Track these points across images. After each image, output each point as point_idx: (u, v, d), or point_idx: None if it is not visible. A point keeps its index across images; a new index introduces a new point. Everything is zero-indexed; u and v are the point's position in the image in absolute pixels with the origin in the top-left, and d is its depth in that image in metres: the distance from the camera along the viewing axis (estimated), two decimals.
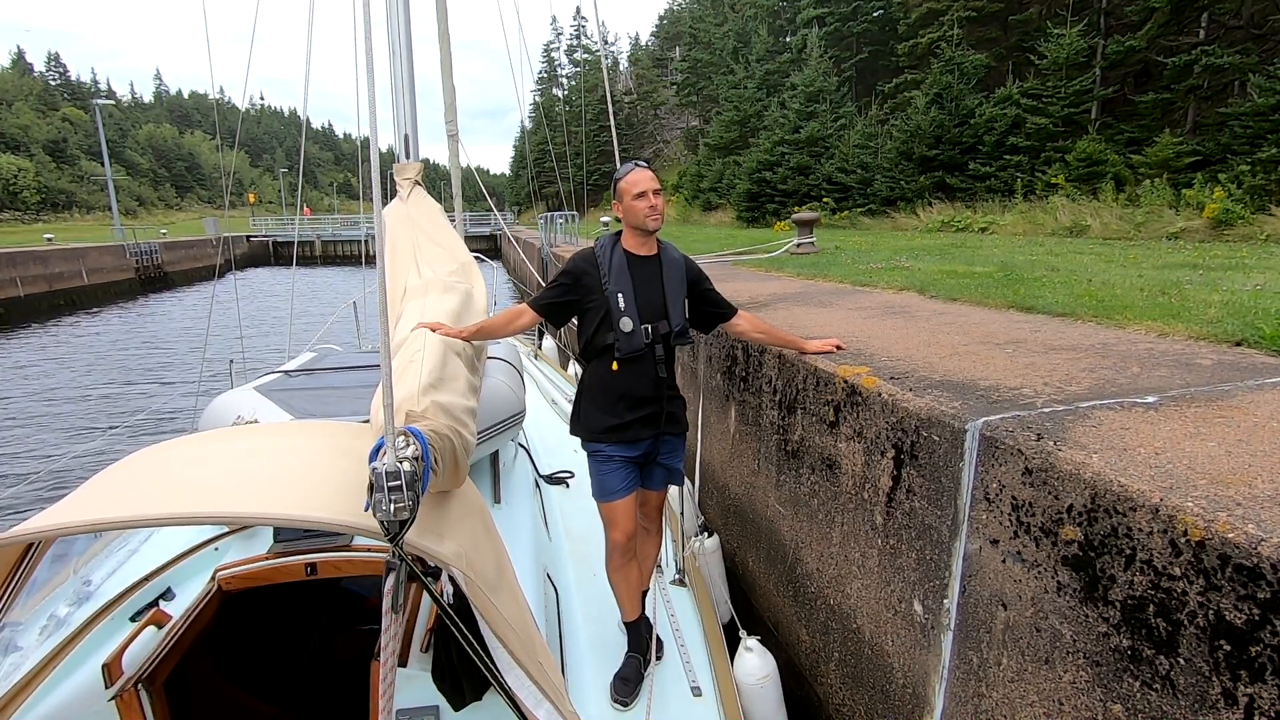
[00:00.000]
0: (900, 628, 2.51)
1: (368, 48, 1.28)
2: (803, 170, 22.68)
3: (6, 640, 2.20)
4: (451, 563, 1.48)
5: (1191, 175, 11.58)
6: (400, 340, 2.21)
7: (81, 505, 1.39)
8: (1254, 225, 9.39)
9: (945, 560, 2.23)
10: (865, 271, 6.57)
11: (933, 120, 17.59)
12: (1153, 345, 2.85)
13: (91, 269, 28.60)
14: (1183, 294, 3.99)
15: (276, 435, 1.82)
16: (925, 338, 3.39)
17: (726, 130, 30.97)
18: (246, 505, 1.40)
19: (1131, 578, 1.57)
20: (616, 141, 3.81)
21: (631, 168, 2.50)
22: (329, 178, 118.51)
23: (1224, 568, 1.38)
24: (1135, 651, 1.57)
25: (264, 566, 2.27)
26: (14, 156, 57.81)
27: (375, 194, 1.49)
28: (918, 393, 2.45)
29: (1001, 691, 1.97)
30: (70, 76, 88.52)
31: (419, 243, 3.20)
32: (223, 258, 26.10)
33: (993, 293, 4.46)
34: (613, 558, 2.66)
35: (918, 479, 2.38)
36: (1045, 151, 15.05)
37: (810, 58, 25.26)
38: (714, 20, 46.00)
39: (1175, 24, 13.82)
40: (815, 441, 3.17)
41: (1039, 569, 1.84)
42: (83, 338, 19.15)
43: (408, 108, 3.95)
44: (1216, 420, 1.91)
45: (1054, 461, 1.78)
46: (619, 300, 2.45)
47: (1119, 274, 5.29)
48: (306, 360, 4.09)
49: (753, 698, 2.87)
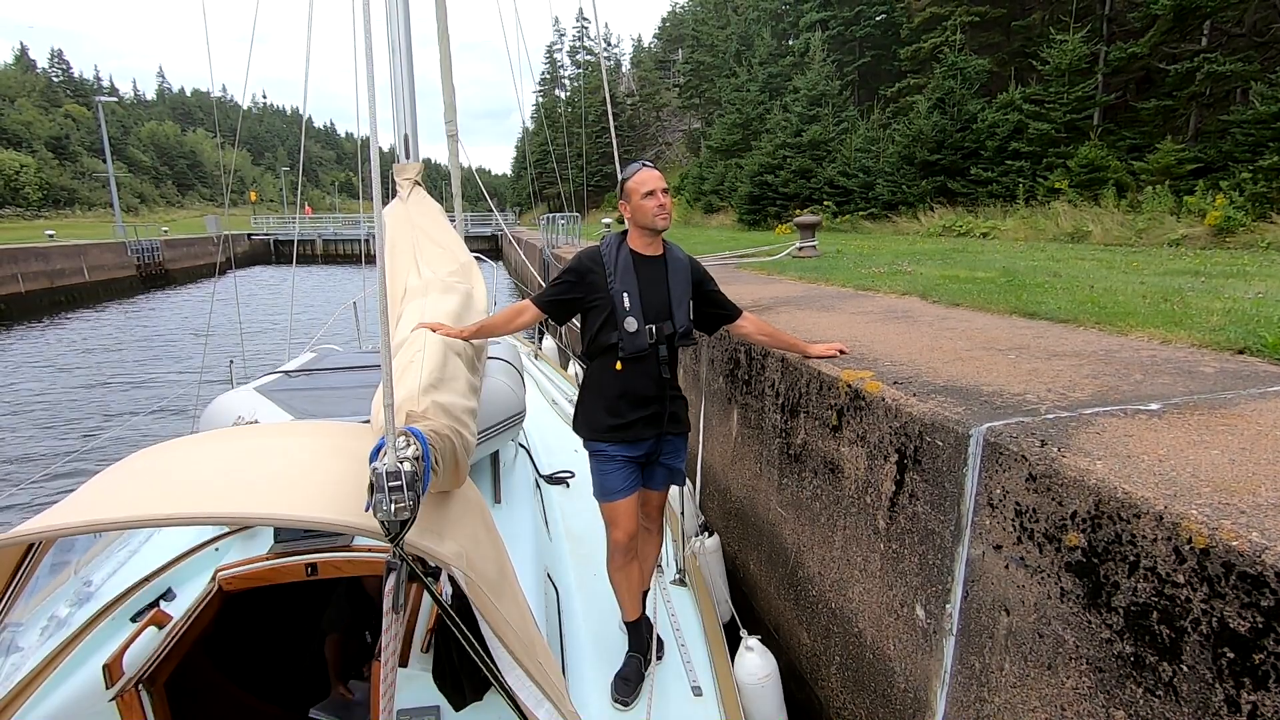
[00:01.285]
0: (902, 632, 2.50)
1: (367, 48, 1.27)
2: (805, 174, 22.68)
3: (7, 641, 2.20)
4: (452, 563, 1.47)
5: (1193, 182, 11.57)
6: (400, 340, 2.21)
7: (82, 506, 1.39)
8: (1255, 233, 9.39)
9: (948, 565, 2.23)
10: (867, 276, 6.56)
11: (935, 125, 17.59)
12: (1155, 352, 2.85)
13: (93, 266, 28.62)
14: (1185, 301, 3.98)
15: (276, 435, 1.81)
16: (928, 343, 3.38)
17: (729, 133, 30.98)
18: (246, 505, 1.40)
19: (1135, 584, 1.57)
20: (617, 143, 3.81)
21: (639, 167, 2.50)
22: (331, 177, 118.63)
23: (1228, 575, 1.37)
24: (1138, 658, 1.56)
25: (264, 567, 2.26)
26: (16, 153, 57.85)
27: (375, 194, 1.48)
28: (921, 398, 2.45)
29: (1004, 697, 1.97)
30: (73, 73, 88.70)
31: (419, 243, 3.19)
32: (224, 256, 26.11)
33: (995, 298, 4.46)
34: (614, 557, 2.65)
35: (921, 484, 2.38)
36: (1047, 157, 15.05)
37: (813, 61, 25.26)
38: (717, 23, 46.05)
39: (1178, 31, 13.82)
40: (818, 445, 3.16)
41: (1042, 575, 1.83)
42: (83, 336, 19.15)
43: (408, 108, 3.95)
44: (1220, 428, 1.91)
45: (1058, 468, 1.78)
46: (624, 300, 2.44)
47: (1121, 280, 5.29)
48: (306, 360, 4.09)
49: (753, 697, 2.87)
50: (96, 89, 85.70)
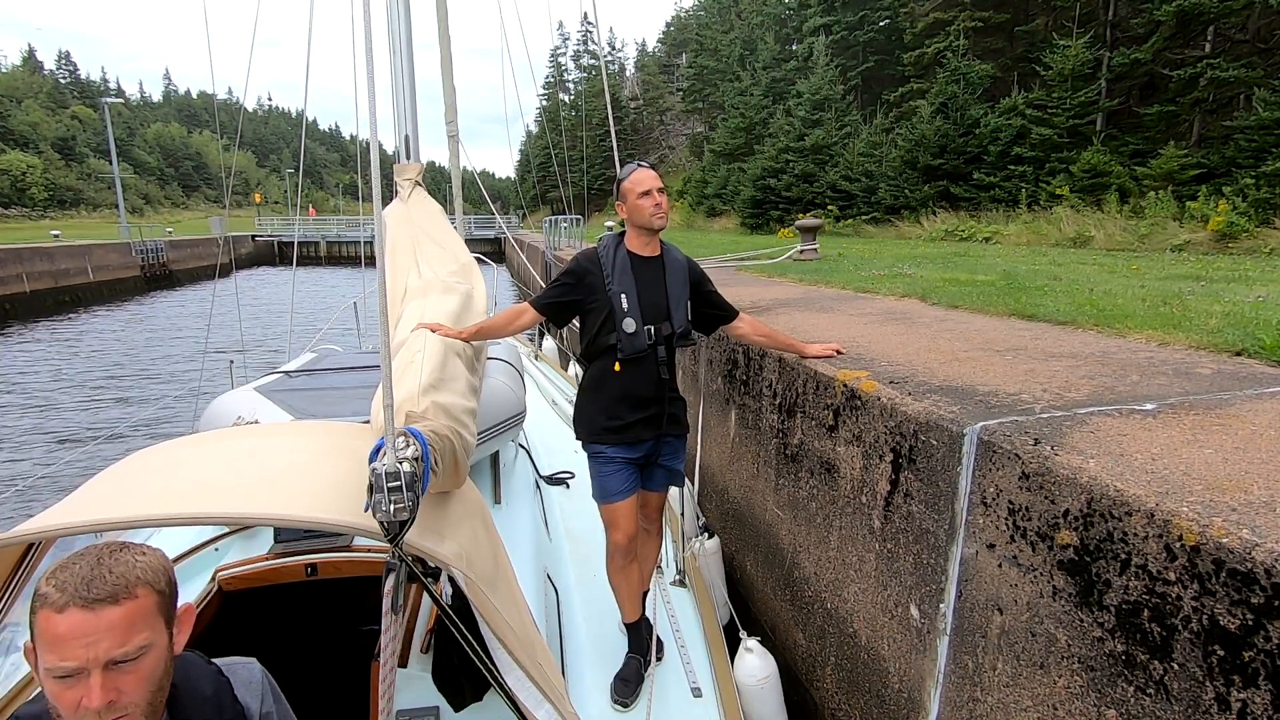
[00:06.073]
0: (897, 632, 2.51)
1: (368, 48, 1.28)
2: (807, 178, 22.70)
3: (7, 640, 2.20)
4: (451, 563, 1.48)
5: (1196, 187, 11.56)
6: (400, 341, 2.22)
7: (82, 505, 1.40)
8: (1258, 238, 9.38)
9: (942, 564, 2.23)
10: (867, 278, 6.57)
11: (938, 129, 17.60)
12: (1153, 354, 2.85)
13: (97, 266, 28.74)
14: (1184, 304, 3.99)
15: (276, 435, 1.82)
16: (926, 344, 3.39)
17: (732, 137, 31.01)
18: (246, 505, 1.40)
19: (1126, 582, 1.58)
20: (619, 147, 3.83)
21: (634, 168, 2.52)
22: (335, 179, 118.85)
23: (1218, 573, 1.38)
24: (1129, 656, 1.57)
25: (264, 567, 2.27)
26: (23, 153, 58.04)
27: (375, 194, 1.50)
28: (916, 397, 2.46)
29: (996, 696, 1.97)
30: (80, 75, 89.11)
31: (419, 243, 3.21)
32: (228, 257, 26.16)
33: (994, 300, 4.47)
34: (613, 559, 2.66)
35: (915, 483, 2.39)
36: (1050, 162, 15.05)
37: (816, 66, 25.29)
38: (721, 27, 46.10)
39: (1181, 37, 13.83)
40: (814, 445, 3.17)
41: (1035, 574, 1.84)
42: (86, 336, 19.21)
43: (408, 109, 3.97)
44: (1214, 428, 1.91)
45: (1051, 466, 1.79)
46: (622, 301, 2.45)
47: (1121, 284, 5.29)
48: (307, 360, 4.11)
49: (753, 699, 2.87)
50: (103, 90, 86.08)
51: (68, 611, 0.99)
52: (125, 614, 1.03)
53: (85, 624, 1.00)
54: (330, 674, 2.77)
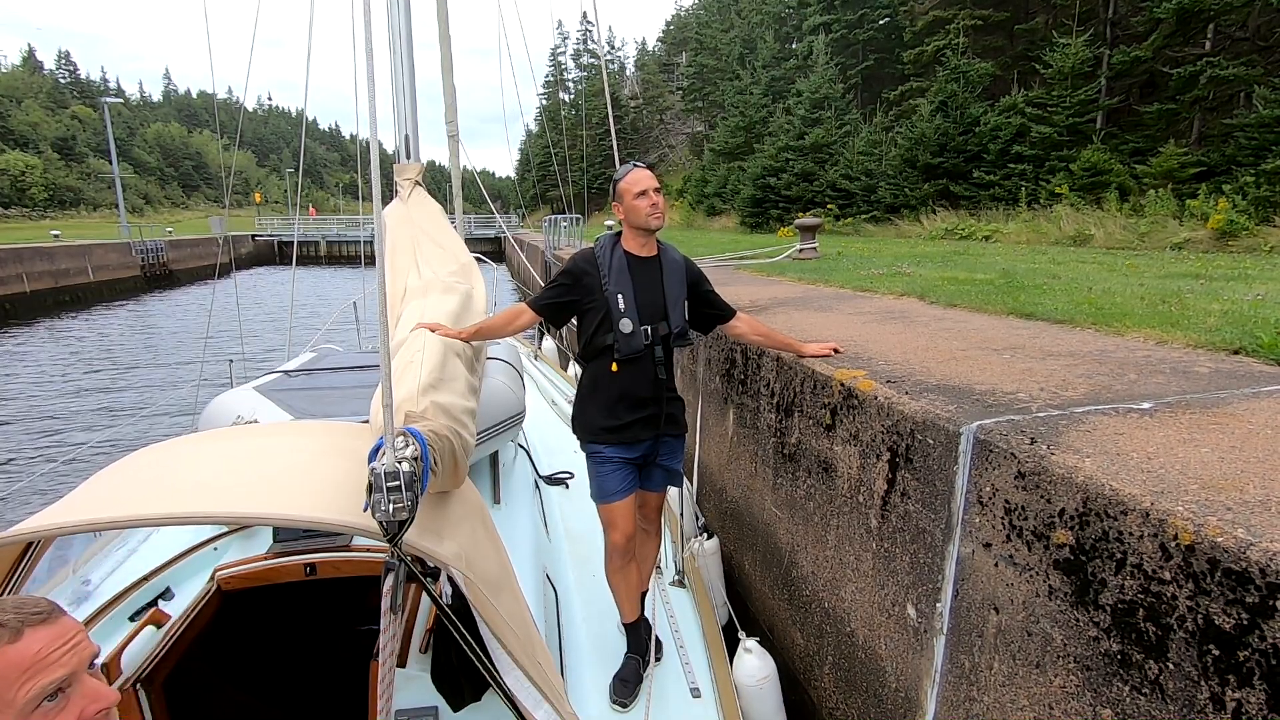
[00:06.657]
0: (893, 631, 2.51)
1: (368, 48, 1.29)
2: (807, 176, 22.69)
3: None
4: (451, 563, 1.48)
5: (1196, 186, 11.56)
6: (400, 341, 2.22)
7: (81, 505, 1.40)
8: (1258, 236, 9.37)
9: (938, 564, 2.24)
10: (866, 277, 6.57)
11: (937, 128, 17.59)
12: (1151, 353, 2.86)
13: (97, 266, 28.74)
14: (1183, 303, 3.99)
15: (276, 435, 1.83)
16: (923, 343, 3.40)
17: (731, 136, 30.99)
18: (246, 505, 1.41)
19: (1122, 582, 1.58)
20: (618, 146, 3.83)
21: (630, 168, 2.52)
22: (335, 178, 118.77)
23: (1213, 572, 1.38)
24: (1125, 656, 1.57)
25: (263, 566, 2.28)
26: (23, 153, 58.07)
27: (375, 194, 1.50)
28: (914, 396, 2.46)
29: (993, 695, 1.98)
30: (80, 75, 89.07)
31: (419, 243, 3.21)
32: (228, 257, 26.17)
33: (993, 299, 4.47)
34: (612, 559, 2.66)
35: (912, 482, 2.39)
36: (1050, 160, 15.05)
37: (816, 64, 25.28)
38: (720, 26, 46.08)
39: (1181, 35, 13.82)
40: (812, 444, 3.17)
41: (1031, 573, 1.84)
42: (85, 335, 19.21)
43: (408, 108, 3.97)
44: (1211, 426, 1.92)
45: (1047, 465, 1.79)
46: (619, 301, 2.46)
47: (1120, 282, 5.29)
48: (306, 360, 4.11)
49: (752, 699, 2.87)
50: (103, 90, 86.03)
51: (27, 632, 0.93)
52: (72, 620, 1.01)
53: (54, 633, 0.95)
54: (329, 674, 2.78)
